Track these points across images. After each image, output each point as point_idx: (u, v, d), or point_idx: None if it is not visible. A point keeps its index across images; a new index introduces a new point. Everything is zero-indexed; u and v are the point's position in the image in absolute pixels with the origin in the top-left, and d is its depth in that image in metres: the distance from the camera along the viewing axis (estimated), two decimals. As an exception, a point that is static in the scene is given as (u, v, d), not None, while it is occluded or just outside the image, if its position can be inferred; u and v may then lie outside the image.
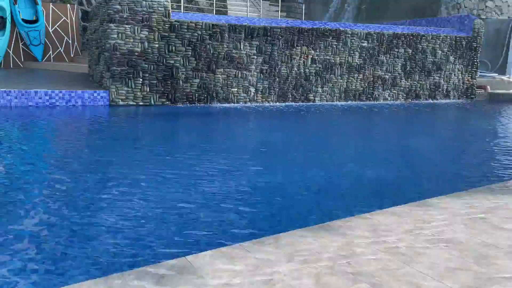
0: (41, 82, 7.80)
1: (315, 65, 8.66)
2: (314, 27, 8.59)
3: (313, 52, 8.58)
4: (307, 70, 8.62)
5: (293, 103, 8.58)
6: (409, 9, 14.12)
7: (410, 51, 9.48)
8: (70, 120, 5.81)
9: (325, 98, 8.91)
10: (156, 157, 3.94)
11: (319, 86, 8.79)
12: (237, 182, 3.31)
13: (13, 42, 10.98)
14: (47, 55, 11.49)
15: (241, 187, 3.19)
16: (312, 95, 8.77)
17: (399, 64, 9.44)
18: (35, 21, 10.93)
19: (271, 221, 2.62)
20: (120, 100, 7.29)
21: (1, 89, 6.54)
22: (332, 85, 8.91)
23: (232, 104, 8.09)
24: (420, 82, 9.76)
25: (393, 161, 4.25)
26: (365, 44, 9.01)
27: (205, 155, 4.07)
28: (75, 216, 2.53)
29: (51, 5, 11.36)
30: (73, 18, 11.69)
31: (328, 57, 8.73)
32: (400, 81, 9.55)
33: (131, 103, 7.36)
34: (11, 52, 11.03)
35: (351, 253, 1.80)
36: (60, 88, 7.10)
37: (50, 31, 11.40)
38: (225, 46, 7.86)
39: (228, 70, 7.97)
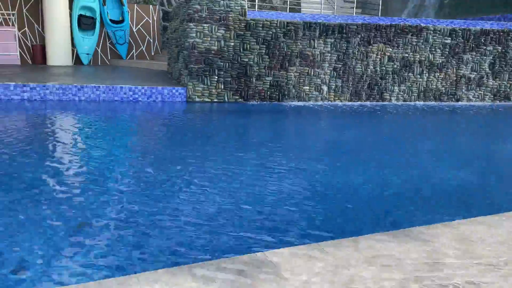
0: (125, 78, 8.37)
1: (392, 63, 8.31)
2: (393, 23, 8.23)
3: (390, 49, 8.24)
4: (383, 68, 8.29)
5: (367, 102, 8.31)
6: (499, 2, 12.99)
7: (499, 48, 8.72)
8: (151, 114, 6.16)
9: (401, 98, 8.52)
10: (228, 153, 4.04)
11: (396, 85, 8.42)
12: (308, 181, 3.29)
13: (101, 41, 11.91)
14: (130, 53, 12.29)
15: (312, 187, 3.16)
16: (387, 95, 8.43)
17: (487, 62, 8.73)
18: (121, 21, 11.75)
19: (345, 222, 2.56)
20: (196, 96, 7.59)
21: (92, 85, 7.12)
22: (410, 84, 8.48)
23: (304, 102, 8.04)
24: (511, 82, 8.94)
25: (479, 167, 3.94)
26: (448, 41, 8.46)
27: (276, 153, 4.09)
28: (151, 207, 2.67)
29: (135, 6, 12.13)
30: (155, 18, 12.38)
31: (406, 55, 8.33)
32: (487, 81, 8.83)
33: (206, 99, 7.63)
34: (99, 50, 11.96)
35: (437, 263, 1.70)
36: (142, 84, 7.55)
37: (134, 30, 12.18)
38: (298, 44, 7.83)
39: (301, 68, 7.93)
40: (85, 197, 2.74)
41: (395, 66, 8.34)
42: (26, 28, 11.16)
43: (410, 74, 8.45)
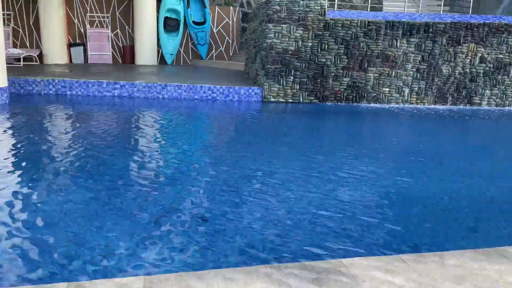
0: (205, 78, 8.68)
1: (484, 65, 7.64)
2: (486, 21, 7.57)
3: (482, 49, 7.58)
4: (473, 70, 7.66)
5: (453, 106, 7.74)
6: None
7: None
8: (228, 113, 6.32)
9: (494, 103, 7.80)
10: (302, 155, 3.99)
11: (488, 88, 7.73)
12: (386, 188, 3.13)
13: (184, 42, 12.48)
14: (210, 54, 12.74)
15: (388, 196, 3.00)
16: (477, 99, 7.77)
17: None
18: (203, 23, 12.22)
19: (428, 235, 2.39)
20: (271, 96, 7.64)
21: (174, 84, 7.49)
22: (505, 88, 7.74)
23: (383, 104, 7.71)
24: None
25: None
26: (553, 40, 7.57)
27: (350, 158, 3.96)
28: (224, 205, 2.72)
29: (216, 8, 12.54)
30: (234, 20, 12.69)
31: (501, 56, 7.61)
32: None
33: (281, 100, 7.64)
34: (182, 50, 12.55)
35: (539, 289, 1.51)
36: (221, 84, 7.78)
37: (214, 31, 12.60)
38: (379, 43, 7.52)
39: (381, 68, 7.62)
40: (162, 191, 2.87)
41: (488, 67, 7.66)
42: (118, 30, 12.09)
43: (504, 77, 7.71)
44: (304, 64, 7.54)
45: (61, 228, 2.24)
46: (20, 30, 11.42)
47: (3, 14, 11.23)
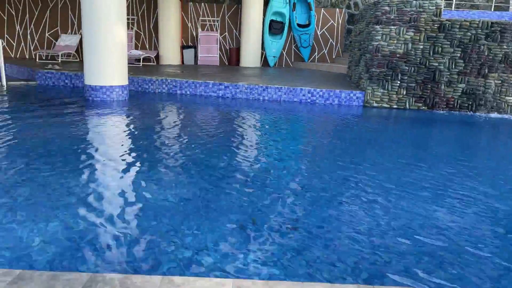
0: (305, 80, 8.63)
1: None
2: None
3: None
4: None
5: None
6: None
7: None
8: (327, 117, 6.18)
9: None
10: (404, 168, 3.70)
11: None
12: (497, 216, 2.73)
13: (287, 45, 12.59)
14: (312, 56, 12.65)
15: (503, 225, 2.61)
16: None
17: None
18: (307, 25, 12.19)
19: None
20: (374, 101, 7.28)
21: (275, 86, 7.57)
22: None
23: (505, 115, 6.85)
24: None
25: None
26: None
27: (462, 175, 3.56)
28: (317, 213, 2.62)
29: (322, 10, 12.40)
30: (340, 22, 12.42)
31: None
32: None
33: (384, 105, 7.25)
34: (284, 53, 12.68)
35: None
36: (321, 87, 7.66)
37: (318, 34, 12.48)
38: (504, 47, 6.69)
39: (505, 75, 6.77)
40: (257, 193, 2.88)
41: None
42: (226, 33, 12.68)
43: None
44: (413, 68, 7.05)
45: (159, 222, 2.38)
46: (142, 33, 12.63)
47: (128, 19, 12.54)
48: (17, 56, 12.62)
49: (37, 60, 11.18)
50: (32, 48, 12.61)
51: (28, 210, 2.41)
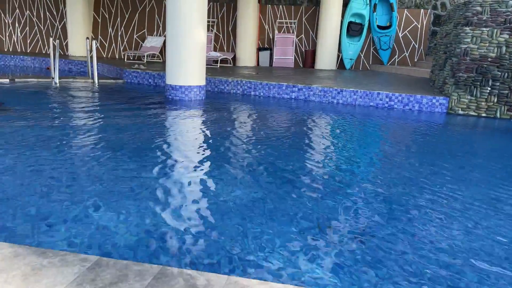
0: (383, 84, 8.27)
1: None
2: None
3: None
4: None
5: None
6: None
7: None
8: (406, 124, 5.85)
9: None
10: (492, 185, 3.37)
11: None
12: None
13: (365, 47, 12.19)
14: (392, 59, 12.10)
15: None
16: None
17: None
18: (388, 27, 11.68)
19: None
20: (459, 109, 6.76)
21: (350, 89, 7.36)
22: None
23: None
24: None
25: None
26: None
27: None
28: (387, 224, 2.47)
29: (405, 11, 11.81)
30: (424, 23, 11.74)
31: None
32: None
33: (471, 113, 6.69)
34: (362, 55, 12.28)
35: None
36: (400, 91, 7.28)
37: (400, 36, 11.91)
38: None
39: None
40: (324, 202, 2.80)
41: None
42: (302, 35, 12.61)
43: None
44: (507, 74, 6.42)
45: (225, 221, 2.40)
46: (220, 35, 13.04)
47: (208, 22, 13.01)
48: (108, 56, 13.72)
49: (125, 60, 12.05)
50: (121, 49, 13.63)
51: (108, 200, 2.58)
